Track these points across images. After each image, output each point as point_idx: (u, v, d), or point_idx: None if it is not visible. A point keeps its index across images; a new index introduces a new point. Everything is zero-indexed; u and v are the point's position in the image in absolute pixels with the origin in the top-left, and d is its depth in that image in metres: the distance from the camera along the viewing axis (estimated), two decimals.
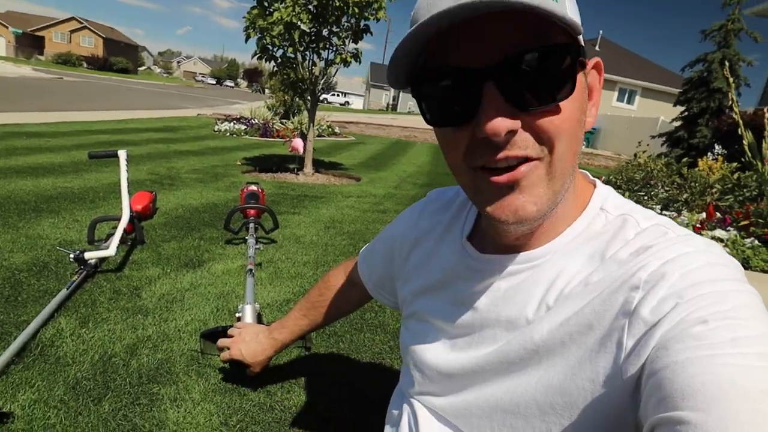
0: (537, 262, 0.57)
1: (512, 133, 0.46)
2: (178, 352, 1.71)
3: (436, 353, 0.66)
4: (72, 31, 59.92)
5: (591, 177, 0.63)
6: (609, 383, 0.47)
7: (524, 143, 0.47)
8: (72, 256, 2.17)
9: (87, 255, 2.19)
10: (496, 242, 0.61)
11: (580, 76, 0.49)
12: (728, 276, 0.46)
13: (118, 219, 2.52)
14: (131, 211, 2.61)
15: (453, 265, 0.66)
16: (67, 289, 1.99)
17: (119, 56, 57.23)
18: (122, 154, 2.61)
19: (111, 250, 2.26)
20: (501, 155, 0.47)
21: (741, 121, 3.92)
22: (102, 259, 2.38)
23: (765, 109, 4.13)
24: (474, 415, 0.60)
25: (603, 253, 0.53)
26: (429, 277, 0.70)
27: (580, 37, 0.48)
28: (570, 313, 0.52)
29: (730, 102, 4.36)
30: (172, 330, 1.85)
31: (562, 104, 0.47)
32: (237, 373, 1.60)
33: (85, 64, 51.57)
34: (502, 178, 0.49)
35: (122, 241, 2.49)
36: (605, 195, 0.59)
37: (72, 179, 4.19)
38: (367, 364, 1.79)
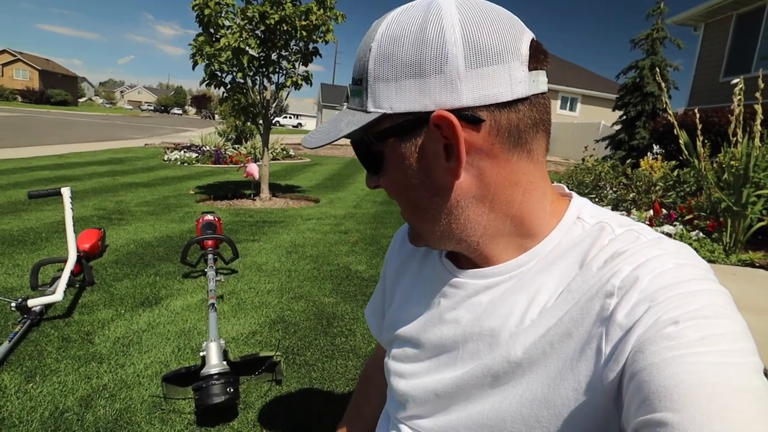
0: (515, 272, 0.58)
1: (378, 186, 0.61)
2: (138, 399, 1.60)
3: (420, 374, 0.66)
4: (4, 65, 57.18)
5: (567, 190, 0.65)
6: (591, 391, 0.48)
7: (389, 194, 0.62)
8: (14, 304, 2.02)
9: (31, 302, 2.04)
10: (467, 257, 0.62)
11: (401, 149, 0.54)
12: (697, 276, 0.47)
13: (64, 260, 2.37)
14: (78, 250, 2.47)
15: (435, 283, 0.67)
16: (9, 341, 1.84)
17: (57, 88, 54.94)
18: (65, 191, 2.47)
19: (58, 294, 2.12)
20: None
21: (675, 122, 4.15)
22: (48, 306, 2.23)
23: (695, 110, 4.40)
24: None
25: (581, 261, 0.54)
26: (413, 298, 0.71)
27: (400, 107, 0.52)
28: (551, 323, 0.52)
29: (663, 105, 4.63)
30: (131, 376, 1.74)
31: (384, 174, 0.58)
32: (205, 415, 1.52)
33: (19, 98, 49.19)
34: None
35: (70, 284, 2.34)
36: (581, 205, 0.61)
37: (10, 221, 3.93)
38: (342, 392, 1.74)
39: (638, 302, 0.46)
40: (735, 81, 3.86)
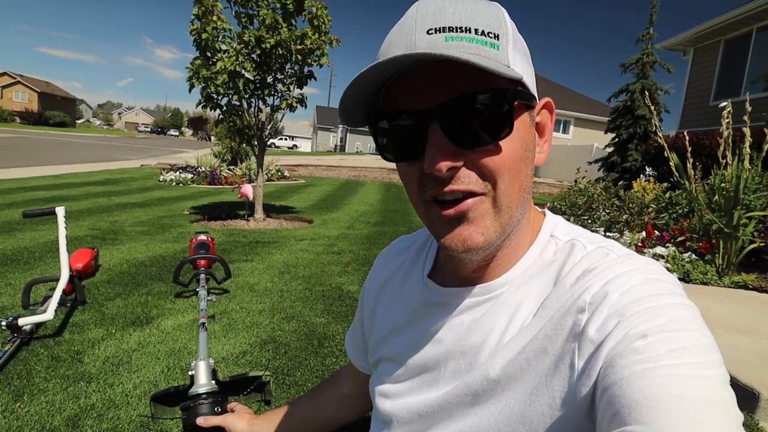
0: (496, 293, 0.59)
1: (455, 169, 0.51)
2: (126, 419, 1.58)
3: (403, 394, 0.66)
4: (3, 87, 57.60)
5: (540, 209, 0.67)
6: (566, 406, 0.48)
7: (467, 178, 0.51)
8: (4, 323, 2.01)
9: (21, 321, 2.03)
10: (455, 275, 0.63)
11: (523, 117, 0.53)
12: (665, 291, 0.48)
13: (57, 279, 2.37)
14: (71, 270, 2.46)
15: (416, 303, 0.68)
16: None
17: (56, 110, 55.31)
18: (60, 211, 2.48)
19: (48, 313, 2.11)
20: (447, 188, 0.51)
21: (666, 145, 4.22)
22: (38, 325, 2.21)
23: (685, 133, 4.48)
24: None
25: (555, 278, 0.56)
26: (395, 319, 0.71)
27: (527, 81, 0.52)
28: (527, 340, 0.53)
29: (654, 128, 4.71)
30: (119, 395, 1.72)
31: (502, 143, 0.51)
32: None
33: (18, 119, 49.46)
34: (451, 212, 0.52)
35: (61, 303, 2.33)
36: (554, 223, 0.62)
37: (3, 240, 3.92)
38: None
39: (608, 317, 0.47)
40: (723, 104, 3.94)
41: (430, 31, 0.49)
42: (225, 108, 5.40)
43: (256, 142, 5.69)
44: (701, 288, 3.33)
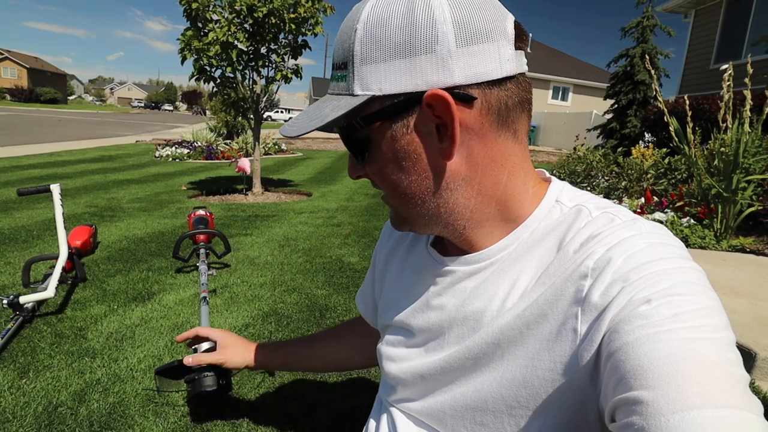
0: (494, 258, 0.58)
1: (362, 177, 0.61)
2: (132, 393, 1.61)
3: (408, 358, 0.68)
4: None
5: (547, 174, 0.65)
6: (568, 371, 0.48)
7: (374, 182, 0.60)
8: (5, 301, 2.01)
9: (23, 299, 2.04)
10: (451, 244, 0.63)
11: (387, 134, 0.53)
12: (670, 254, 0.47)
13: (56, 257, 2.37)
14: (69, 247, 2.46)
15: (421, 271, 0.69)
16: (2, 338, 1.84)
17: (46, 86, 54.47)
18: (55, 188, 2.46)
19: (49, 291, 2.11)
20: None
21: (665, 110, 4.17)
22: (40, 302, 2.22)
23: (685, 97, 4.42)
24: (447, 416, 0.61)
25: (559, 245, 0.54)
26: (401, 287, 0.73)
27: (392, 88, 0.51)
28: (527, 305, 0.53)
29: (654, 93, 4.64)
30: (124, 370, 1.74)
31: (370, 160, 0.57)
32: (198, 408, 1.53)
33: (8, 97, 48.76)
34: None
35: (62, 281, 2.33)
36: (560, 188, 0.61)
37: (1, 219, 3.91)
38: (334, 382, 1.75)
39: (612, 282, 0.46)
40: (724, 67, 3.87)
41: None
42: (219, 80, 5.30)
43: (251, 115, 5.62)
44: (699, 252, 3.35)
